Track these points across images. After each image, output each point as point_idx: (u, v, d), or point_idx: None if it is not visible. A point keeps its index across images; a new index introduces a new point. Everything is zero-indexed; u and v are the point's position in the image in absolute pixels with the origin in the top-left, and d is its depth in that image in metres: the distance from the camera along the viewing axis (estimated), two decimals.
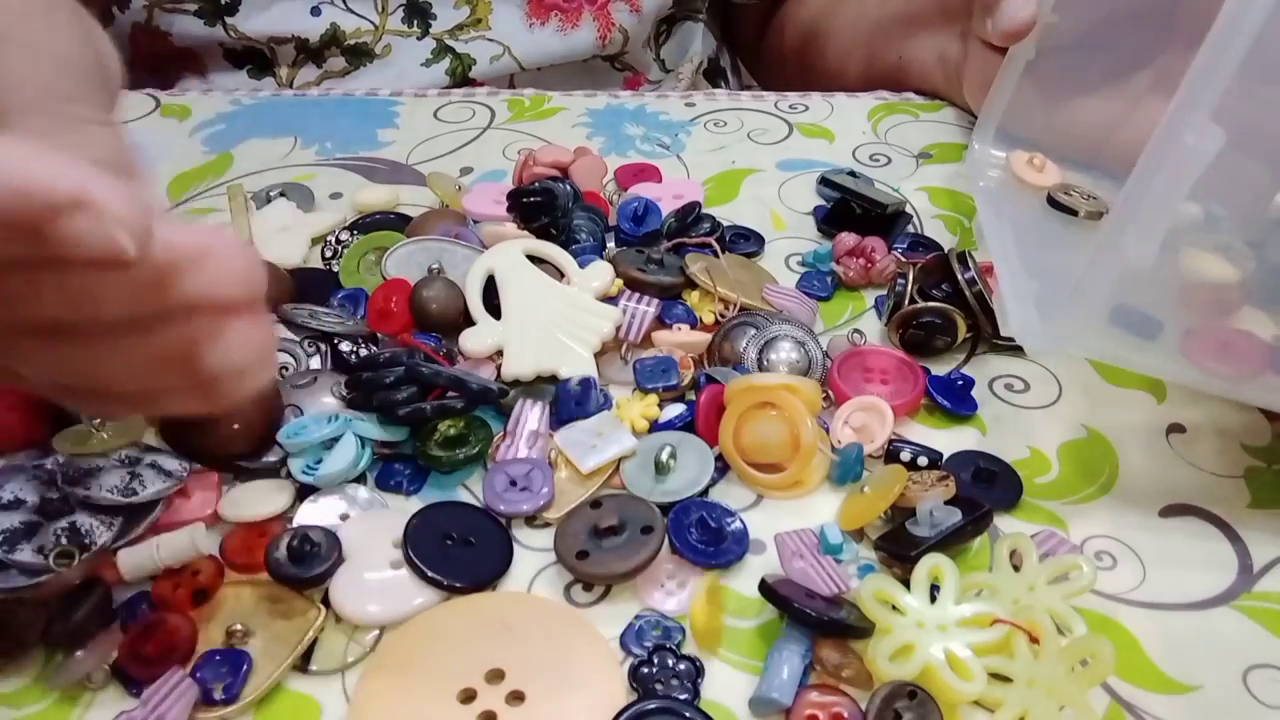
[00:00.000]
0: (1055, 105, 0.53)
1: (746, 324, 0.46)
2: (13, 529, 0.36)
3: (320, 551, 0.37)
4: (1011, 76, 0.53)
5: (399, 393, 0.40)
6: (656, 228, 0.52)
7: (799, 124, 0.64)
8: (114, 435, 0.39)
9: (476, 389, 0.41)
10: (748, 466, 0.40)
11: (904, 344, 0.46)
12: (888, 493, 0.38)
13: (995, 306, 0.44)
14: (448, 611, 0.36)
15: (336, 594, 0.36)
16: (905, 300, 0.47)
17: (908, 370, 0.45)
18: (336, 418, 0.40)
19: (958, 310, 0.45)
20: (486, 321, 0.46)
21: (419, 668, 0.34)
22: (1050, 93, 0.53)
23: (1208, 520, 0.40)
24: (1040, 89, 0.53)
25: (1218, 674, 0.35)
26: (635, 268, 0.48)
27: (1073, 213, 0.49)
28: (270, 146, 0.62)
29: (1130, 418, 0.44)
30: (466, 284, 0.47)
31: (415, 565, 0.36)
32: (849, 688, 0.34)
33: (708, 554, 0.37)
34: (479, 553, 0.37)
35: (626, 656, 0.35)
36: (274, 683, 0.34)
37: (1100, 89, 0.51)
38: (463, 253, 0.50)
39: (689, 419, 0.42)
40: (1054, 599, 0.35)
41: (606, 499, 0.39)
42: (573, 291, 0.46)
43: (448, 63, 0.70)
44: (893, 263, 0.50)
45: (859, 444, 0.40)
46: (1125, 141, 0.48)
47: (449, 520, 0.38)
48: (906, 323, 0.46)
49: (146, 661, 0.34)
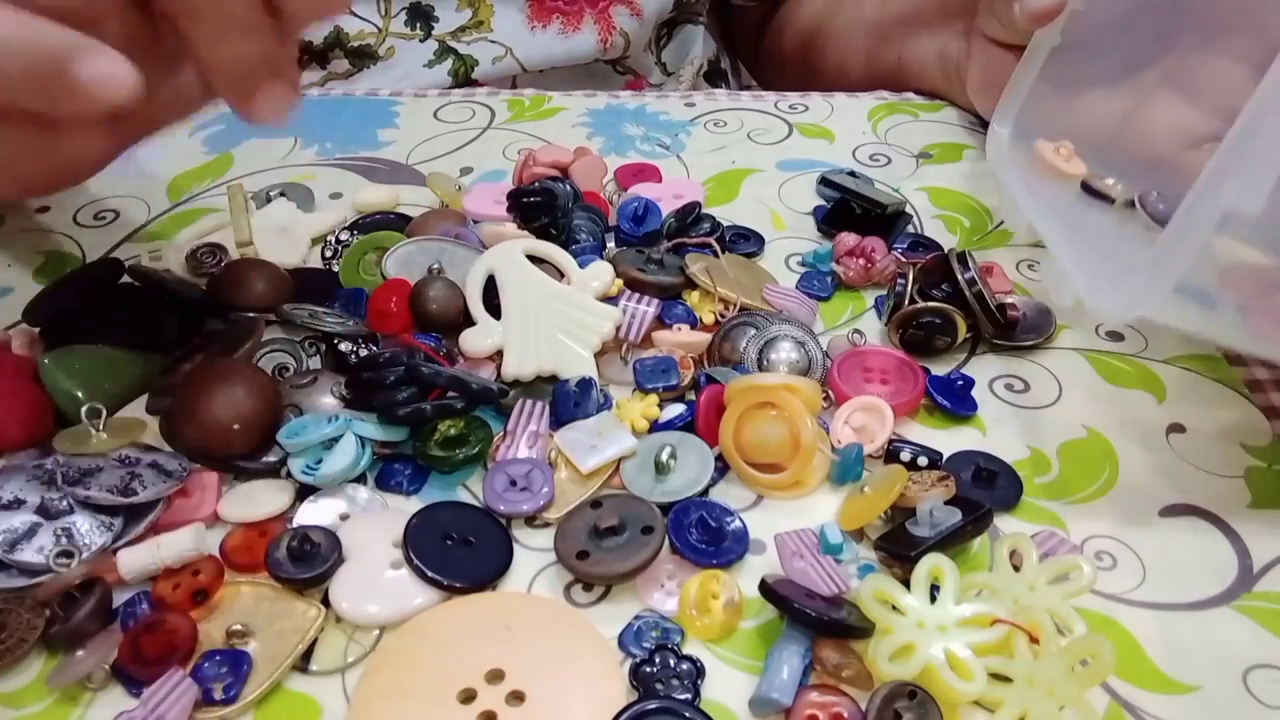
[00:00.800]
0: (1067, 96, 0.53)
1: (746, 324, 0.46)
2: (13, 529, 0.36)
3: (320, 551, 0.37)
4: (1035, 63, 0.53)
5: (399, 393, 0.40)
6: (656, 228, 0.52)
7: (799, 124, 0.64)
8: (113, 435, 0.39)
9: (476, 389, 0.41)
10: (748, 466, 0.40)
11: (904, 344, 0.46)
12: (888, 493, 0.38)
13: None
14: (448, 611, 0.36)
15: (336, 594, 0.36)
16: (905, 300, 0.47)
17: (908, 370, 0.45)
18: (336, 418, 0.40)
19: (958, 310, 0.45)
20: (486, 321, 0.46)
21: (419, 668, 0.34)
22: (1061, 84, 0.52)
23: (1208, 520, 0.40)
24: (1050, 80, 0.52)
25: (1218, 674, 0.35)
26: (635, 268, 0.48)
27: (1109, 200, 0.48)
28: (270, 146, 0.62)
29: (1130, 418, 0.44)
30: (466, 284, 0.47)
31: (415, 565, 0.36)
32: (849, 688, 0.34)
33: (708, 554, 0.37)
34: (479, 553, 0.37)
35: (626, 657, 0.35)
36: (274, 683, 0.34)
37: (1111, 82, 0.51)
38: (463, 253, 0.50)
39: (689, 419, 0.42)
40: (1054, 599, 0.35)
41: (607, 499, 0.39)
42: (573, 291, 0.46)
43: (450, 64, 0.70)
44: (893, 263, 0.50)
45: (859, 444, 0.40)
46: (1136, 134, 0.48)
47: (449, 520, 0.38)
48: (906, 323, 0.46)
49: (146, 661, 0.34)
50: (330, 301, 0.48)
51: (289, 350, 0.45)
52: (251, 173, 0.59)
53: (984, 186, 0.58)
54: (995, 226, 0.55)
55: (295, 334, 0.45)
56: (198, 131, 0.63)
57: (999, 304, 0.46)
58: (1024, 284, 0.51)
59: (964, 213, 0.56)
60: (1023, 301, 0.49)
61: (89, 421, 0.39)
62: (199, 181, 0.59)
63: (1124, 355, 0.47)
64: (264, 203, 0.55)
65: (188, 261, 0.51)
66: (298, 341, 0.45)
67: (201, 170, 0.60)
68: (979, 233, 0.55)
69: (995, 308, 0.46)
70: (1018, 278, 0.52)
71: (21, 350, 0.44)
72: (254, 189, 0.57)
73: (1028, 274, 0.52)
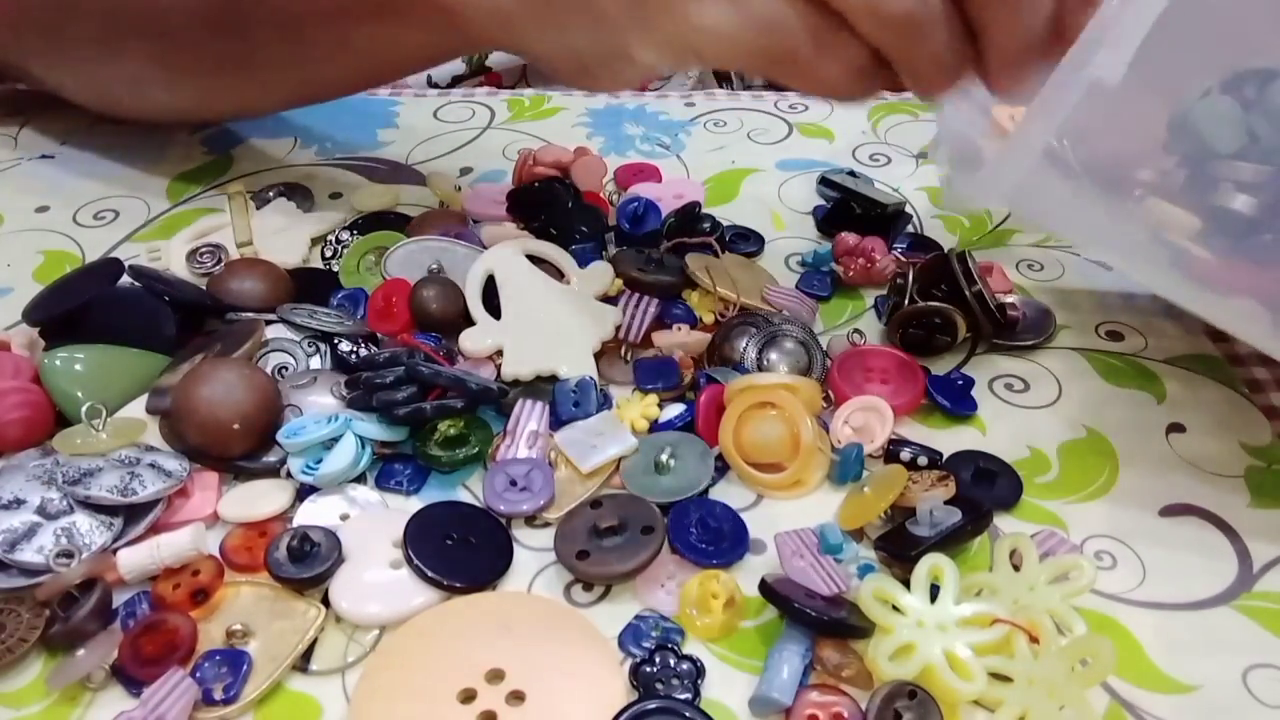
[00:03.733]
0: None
1: (747, 324, 0.46)
2: (12, 529, 0.36)
3: (320, 551, 0.37)
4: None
5: (399, 392, 0.40)
6: (656, 227, 0.52)
7: (799, 124, 0.64)
8: (113, 435, 0.39)
9: (476, 389, 0.41)
10: (748, 466, 0.40)
11: (904, 343, 0.46)
12: (888, 493, 0.38)
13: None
14: (448, 611, 0.36)
15: (336, 594, 0.36)
16: (905, 300, 0.47)
17: (908, 370, 0.45)
18: (336, 418, 0.40)
19: (958, 310, 0.45)
20: (486, 321, 0.46)
21: (419, 668, 0.34)
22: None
23: (1207, 520, 0.40)
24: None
25: (1218, 674, 0.35)
26: (635, 268, 0.48)
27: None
28: (270, 146, 0.62)
29: (1130, 417, 0.44)
30: (466, 284, 0.47)
31: (415, 565, 0.36)
32: (849, 687, 0.34)
33: (708, 554, 0.37)
34: (479, 553, 0.37)
35: (626, 657, 0.35)
36: (274, 683, 0.34)
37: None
38: (463, 252, 0.50)
39: (688, 419, 0.42)
40: (1054, 599, 0.35)
41: (607, 499, 0.39)
42: (573, 291, 0.46)
43: None
44: (892, 262, 0.50)
45: (859, 444, 0.40)
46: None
47: (449, 520, 0.38)
48: (906, 322, 0.46)
49: (146, 661, 0.33)
50: (330, 301, 0.48)
51: (289, 350, 0.45)
52: (251, 173, 0.59)
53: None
54: (995, 226, 0.55)
55: (295, 334, 0.45)
56: (197, 131, 0.63)
57: (998, 304, 0.46)
58: (1025, 284, 0.51)
59: (964, 212, 0.56)
60: (1022, 301, 0.49)
61: (89, 422, 0.39)
62: (199, 181, 0.59)
63: (1124, 355, 0.47)
64: (264, 203, 0.56)
65: (188, 261, 0.51)
66: (298, 341, 0.45)
67: (201, 170, 0.60)
68: (979, 232, 0.55)
69: (995, 308, 0.46)
70: (1018, 278, 0.52)
71: (21, 350, 0.44)
72: (254, 189, 0.57)
73: (1028, 274, 0.52)
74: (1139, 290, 0.51)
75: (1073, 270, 0.52)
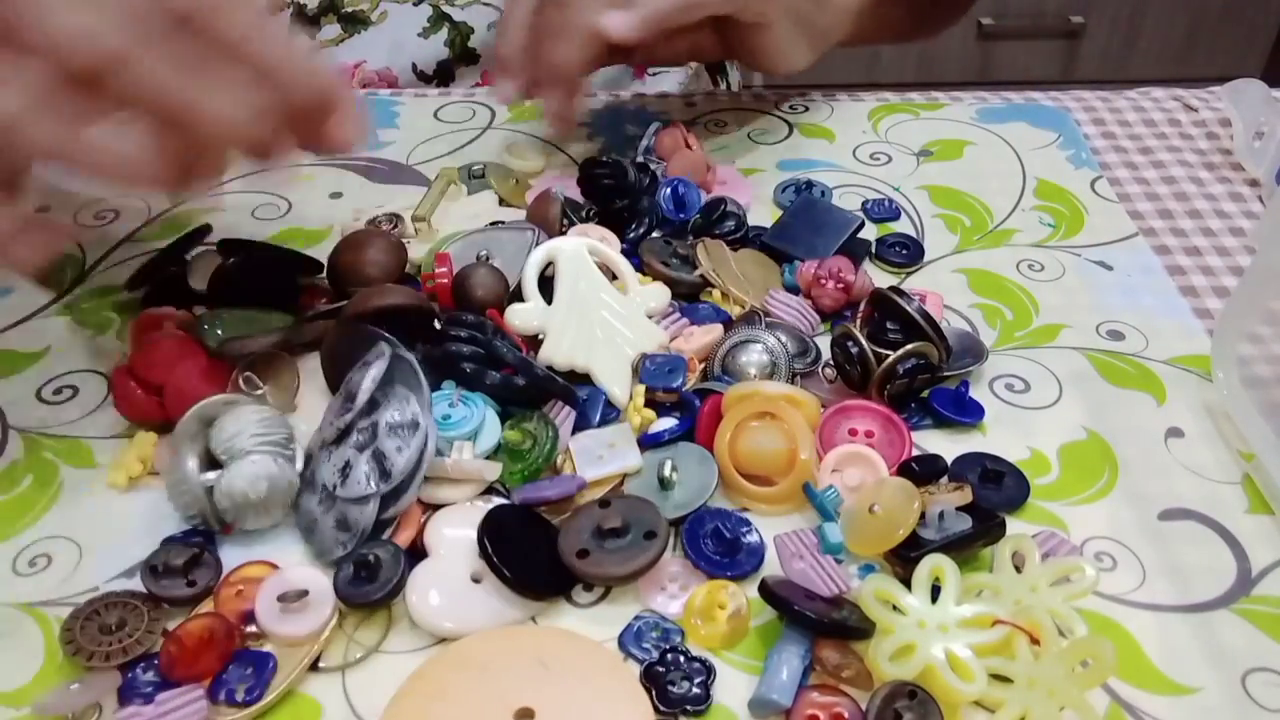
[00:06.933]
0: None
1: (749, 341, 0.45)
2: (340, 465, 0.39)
3: (379, 575, 0.36)
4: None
5: (468, 357, 0.42)
6: (695, 215, 0.53)
7: (799, 124, 0.64)
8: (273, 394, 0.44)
9: (540, 375, 0.42)
10: (740, 478, 0.40)
11: (891, 400, 0.43)
12: (903, 520, 0.36)
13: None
14: (486, 642, 0.35)
15: (414, 597, 0.36)
16: (870, 359, 0.43)
17: (893, 428, 0.42)
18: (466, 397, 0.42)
19: (926, 342, 0.43)
20: (537, 301, 0.46)
21: (450, 699, 0.33)
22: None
23: (1206, 524, 0.40)
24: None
25: (1217, 677, 0.35)
26: (660, 260, 0.48)
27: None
28: None
29: (1130, 420, 0.44)
30: (526, 263, 0.47)
31: (505, 577, 0.36)
32: (849, 688, 0.34)
33: (722, 565, 0.37)
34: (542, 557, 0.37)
35: (626, 657, 0.35)
36: (291, 684, 0.34)
37: None
38: (511, 237, 0.51)
39: (679, 432, 0.42)
40: (1055, 600, 0.35)
41: (615, 499, 0.39)
42: (629, 302, 0.46)
43: (445, 32, 0.69)
44: (867, 278, 0.49)
45: (834, 488, 0.39)
46: None
47: (513, 522, 0.38)
48: (885, 380, 0.43)
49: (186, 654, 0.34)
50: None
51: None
52: (251, 173, 0.59)
53: (984, 186, 0.58)
54: (995, 226, 0.55)
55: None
56: None
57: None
58: (1026, 284, 0.51)
59: (964, 211, 0.56)
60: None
61: (248, 389, 0.43)
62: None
63: (1124, 355, 0.47)
64: (471, 178, 0.58)
65: (368, 225, 0.53)
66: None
67: None
68: (979, 231, 0.55)
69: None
70: (1018, 277, 0.52)
71: (174, 330, 0.45)
72: (252, 189, 0.57)
73: (1028, 274, 0.52)
74: (1139, 290, 0.51)
75: (1073, 270, 0.52)
